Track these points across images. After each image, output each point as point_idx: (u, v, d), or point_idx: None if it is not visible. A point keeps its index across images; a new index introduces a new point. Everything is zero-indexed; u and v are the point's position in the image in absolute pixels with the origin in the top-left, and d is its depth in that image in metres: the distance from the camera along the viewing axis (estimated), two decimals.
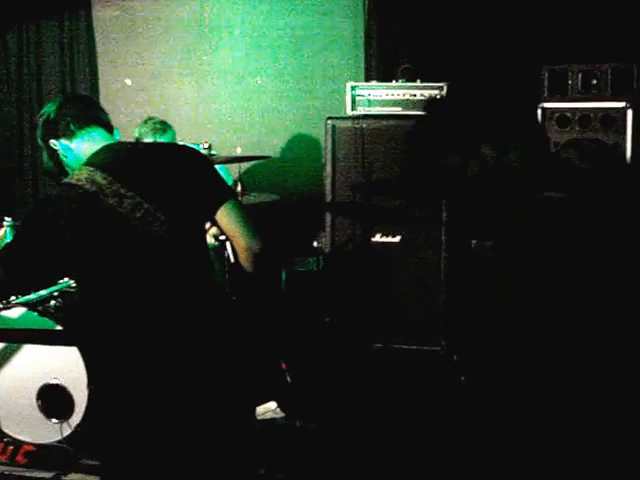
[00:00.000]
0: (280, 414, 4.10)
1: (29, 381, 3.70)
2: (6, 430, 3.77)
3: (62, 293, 3.93)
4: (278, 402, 4.14)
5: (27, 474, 3.61)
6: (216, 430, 2.49)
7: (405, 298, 4.81)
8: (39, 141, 2.68)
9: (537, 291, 4.37)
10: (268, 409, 4.11)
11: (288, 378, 4.35)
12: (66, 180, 2.52)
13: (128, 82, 5.88)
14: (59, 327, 3.67)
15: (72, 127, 2.60)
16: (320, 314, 4.92)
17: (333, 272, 4.96)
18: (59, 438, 3.68)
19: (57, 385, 3.68)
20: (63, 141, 2.62)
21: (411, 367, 4.64)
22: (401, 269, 4.81)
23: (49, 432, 3.69)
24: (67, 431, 3.66)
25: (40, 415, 3.71)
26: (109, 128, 2.68)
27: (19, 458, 3.69)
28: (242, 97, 5.76)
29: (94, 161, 2.53)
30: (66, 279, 3.96)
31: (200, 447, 2.46)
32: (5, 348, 3.70)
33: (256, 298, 2.78)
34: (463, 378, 3.94)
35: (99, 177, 2.45)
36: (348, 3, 5.58)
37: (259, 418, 4.05)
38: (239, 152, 4.89)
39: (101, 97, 5.93)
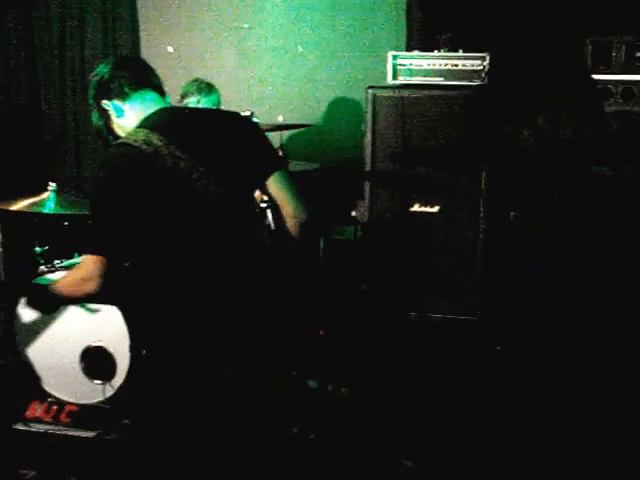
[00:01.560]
0: (315, 379, 4.14)
1: (73, 343, 3.78)
2: (50, 390, 3.86)
3: None
4: (314, 368, 4.18)
5: (70, 433, 3.69)
6: (256, 396, 2.53)
7: (442, 267, 4.82)
8: (90, 100, 2.69)
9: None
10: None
11: (325, 345, 4.39)
12: (122, 140, 2.53)
13: (170, 50, 5.89)
14: None
15: (126, 89, 2.62)
16: (357, 282, 4.95)
17: (371, 241, 4.97)
18: (101, 399, 3.76)
19: (100, 347, 3.75)
20: (116, 102, 2.63)
21: (446, 336, 4.66)
22: (439, 239, 4.81)
23: (92, 393, 3.77)
24: (109, 392, 3.74)
25: (83, 376, 3.79)
26: (161, 92, 2.70)
27: (63, 417, 3.77)
28: (283, 65, 5.75)
29: (149, 123, 2.54)
30: None
31: (240, 412, 2.51)
32: None
33: (295, 265, 2.80)
34: (499, 348, 3.95)
35: (155, 139, 2.46)
36: None
37: None
38: (280, 120, 4.90)
39: None
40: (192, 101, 4.61)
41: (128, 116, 2.63)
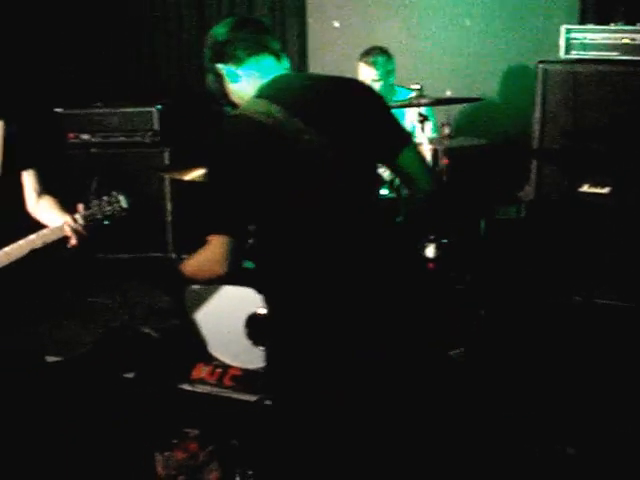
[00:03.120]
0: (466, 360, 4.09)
1: (239, 309, 3.85)
2: (215, 354, 3.98)
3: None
4: (467, 349, 4.11)
5: (233, 396, 3.80)
6: (398, 384, 2.42)
7: (610, 251, 4.64)
8: (206, 62, 2.56)
9: None
10: (457, 355, 4.11)
11: (480, 326, 4.33)
12: (241, 111, 2.41)
13: (336, 24, 5.91)
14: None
15: (240, 54, 2.47)
16: (521, 264, 4.84)
17: (536, 221, 4.85)
18: (264, 365, 3.83)
19: (264, 314, 3.81)
20: (230, 66, 2.49)
21: (611, 323, 4.49)
22: (608, 221, 4.63)
23: (255, 358, 3.84)
24: None
25: (247, 342, 3.87)
26: (278, 56, 2.53)
27: (226, 381, 3.88)
28: (450, 39, 5.65)
29: (268, 93, 2.41)
30: None
31: (377, 396, 2.41)
32: None
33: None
34: None
35: (275, 110, 2.32)
36: None
37: None
38: (449, 94, 4.84)
39: (309, 38, 6.02)
40: (379, 60, 4.74)
41: (243, 82, 2.49)
